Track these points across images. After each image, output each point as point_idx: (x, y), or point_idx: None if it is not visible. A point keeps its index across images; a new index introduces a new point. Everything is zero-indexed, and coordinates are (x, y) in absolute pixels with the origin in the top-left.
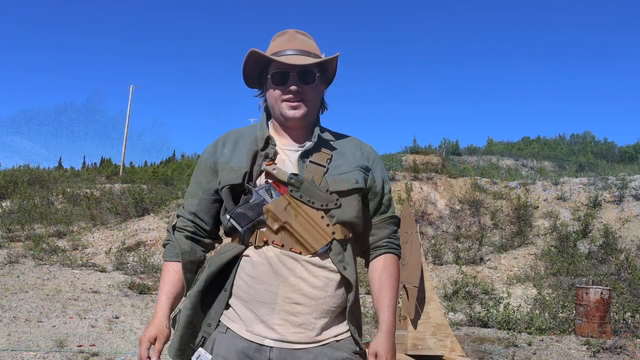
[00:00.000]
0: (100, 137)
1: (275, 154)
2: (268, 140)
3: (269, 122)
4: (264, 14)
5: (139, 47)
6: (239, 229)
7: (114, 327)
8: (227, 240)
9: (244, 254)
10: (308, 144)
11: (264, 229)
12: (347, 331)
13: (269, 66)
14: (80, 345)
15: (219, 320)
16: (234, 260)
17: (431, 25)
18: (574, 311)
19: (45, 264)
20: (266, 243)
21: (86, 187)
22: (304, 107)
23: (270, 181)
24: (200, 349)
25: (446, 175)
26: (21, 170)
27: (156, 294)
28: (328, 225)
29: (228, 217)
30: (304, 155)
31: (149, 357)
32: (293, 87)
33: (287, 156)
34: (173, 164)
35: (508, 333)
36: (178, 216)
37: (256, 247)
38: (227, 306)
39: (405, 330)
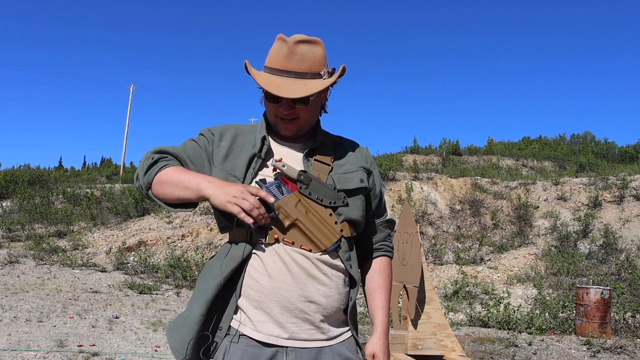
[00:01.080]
0: (101, 137)
1: (269, 153)
2: (263, 141)
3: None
4: (265, 10)
5: (139, 47)
6: (251, 226)
7: (114, 327)
8: (221, 236)
9: (253, 251)
10: (313, 143)
11: (273, 226)
12: (348, 330)
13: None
14: (81, 345)
15: (230, 325)
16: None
17: (431, 24)
18: (574, 311)
19: (46, 264)
20: (277, 240)
21: (86, 187)
22: (296, 125)
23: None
24: None
25: (446, 175)
26: (21, 170)
27: (156, 294)
28: (336, 222)
29: None
30: (309, 154)
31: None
32: (284, 110)
33: (290, 155)
34: None
35: (508, 333)
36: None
37: (266, 245)
38: (237, 308)
39: (405, 330)
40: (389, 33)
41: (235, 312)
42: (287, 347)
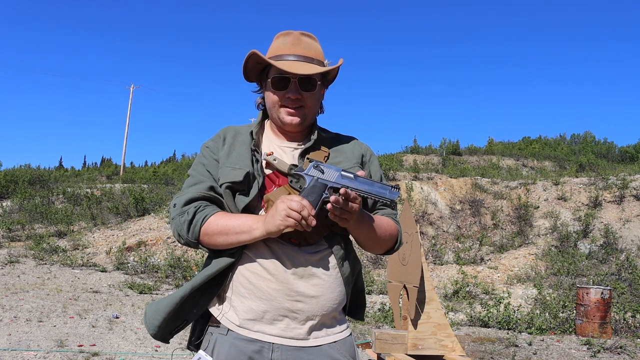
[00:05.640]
0: (101, 137)
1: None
2: (252, 135)
3: (266, 122)
4: (265, 11)
5: (140, 47)
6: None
7: (115, 327)
8: None
9: (245, 247)
10: (308, 143)
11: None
12: (346, 330)
13: (270, 67)
14: (81, 345)
15: (219, 321)
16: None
17: (430, 24)
18: (574, 311)
19: (46, 264)
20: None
21: (87, 187)
22: (302, 114)
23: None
24: (200, 351)
25: (446, 175)
26: (22, 170)
27: (156, 294)
28: (326, 216)
29: None
30: (304, 154)
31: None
32: (292, 94)
33: (285, 154)
34: (173, 164)
35: (508, 333)
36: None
37: (256, 243)
38: (222, 299)
39: (405, 330)
40: (389, 33)
41: (221, 303)
42: (273, 343)
